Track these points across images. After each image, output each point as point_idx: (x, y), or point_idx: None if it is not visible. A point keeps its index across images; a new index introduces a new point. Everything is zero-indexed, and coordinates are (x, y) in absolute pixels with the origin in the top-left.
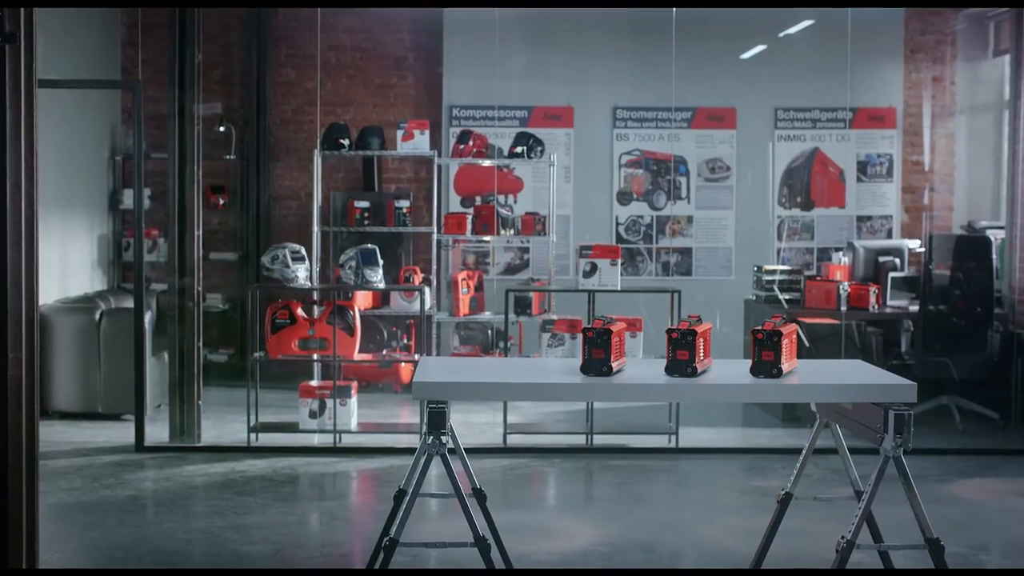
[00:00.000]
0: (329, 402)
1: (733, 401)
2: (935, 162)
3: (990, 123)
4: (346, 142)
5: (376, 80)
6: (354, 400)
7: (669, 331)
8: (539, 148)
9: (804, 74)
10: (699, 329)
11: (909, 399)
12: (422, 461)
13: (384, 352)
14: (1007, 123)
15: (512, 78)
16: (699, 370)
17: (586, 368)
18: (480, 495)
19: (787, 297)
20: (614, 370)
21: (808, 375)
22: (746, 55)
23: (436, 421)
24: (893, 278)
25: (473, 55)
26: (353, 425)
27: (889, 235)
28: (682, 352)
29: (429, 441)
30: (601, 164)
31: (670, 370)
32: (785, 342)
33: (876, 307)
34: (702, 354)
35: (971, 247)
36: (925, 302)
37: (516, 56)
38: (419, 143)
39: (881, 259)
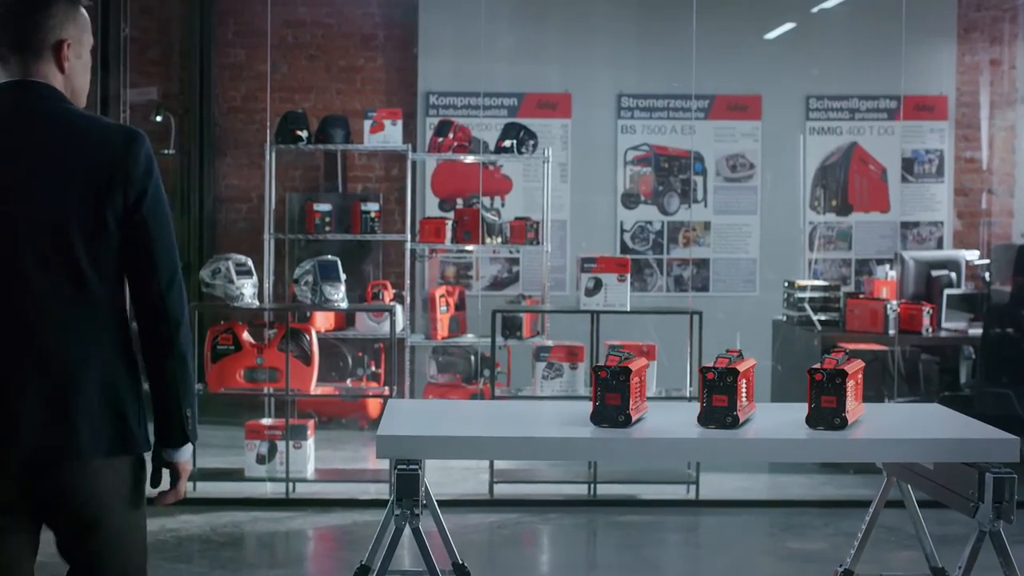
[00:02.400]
0: (280, 444)
1: (786, 460)
2: (993, 159)
3: None
4: (304, 134)
5: (340, 62)
6: (311, 442)
7: (704, 371)
8: (531, 142)
9: (840, 56)
10: (741, 368)
11: (1010, 457)
12: (389, 536)
13: (348, 382)
14: None
15: (499, 60)
16: (741, 420)
17: (598, 417)
18: (462, 572)
19: (823, 318)
20: (633, 420)
21: (878, 425)
22: (773, 34)
23: (407, 487)
24: (949, 296)
25: (454, 33)
26: (309, 472)
27: (939, 244)
28: (720, 397)
29: (398, 512)
30: (603, 161)
31: (705, 420)
32: (851, 384)
33: (930, 330)
34: (744, 399)
35: None
36: (989, 324)
37: (504, 34)
38: (390, 135)
39: (934, 273)
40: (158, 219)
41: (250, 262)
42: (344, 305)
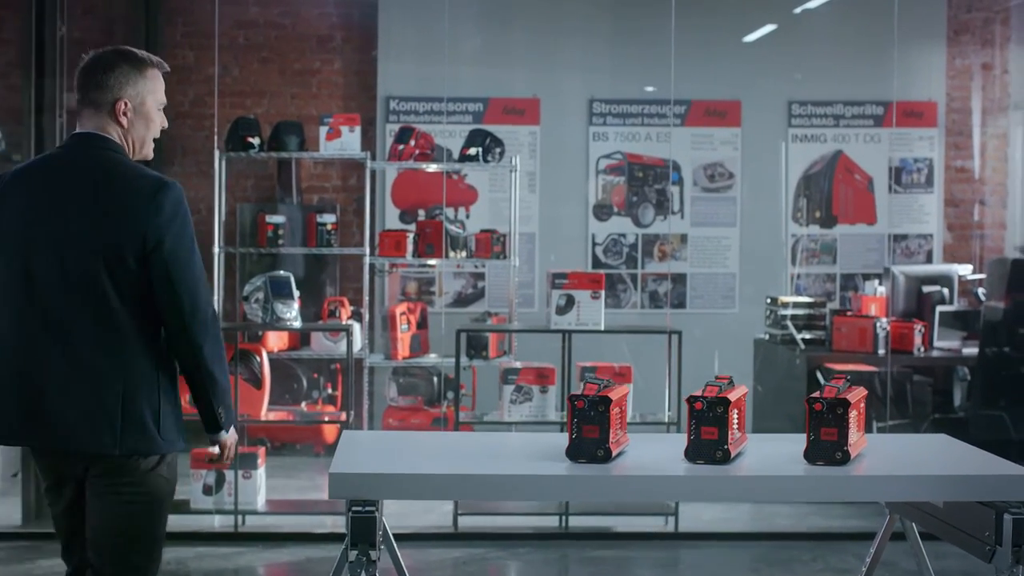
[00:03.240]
0: (229, 474)
1: (783, 500)
2: (985, 169)
3: None
4: (256, 141)
5: (295, 65)
6: (261, 471)
7: (691, 400)
8: (497, 150)
9: (824, 60)
10: (732, 397)
11: None
12: None
13: (302, 406)
14: None
15: (464, 63)
16: (732, 454)
17: (575, 452)
18: None
19: (807, 336)
20: (613, 454)
21: (882, 459)
22: (753, 36)
23: (362, 531)
24: (942, 313)
25: (415, 34)
26: (260, 504)
27: (929, 258)
28: (709, 429)
29: (352, 558)
30: (574, 170)
31: (693, 454)
32: (853, 415)
33: (922, 349)
34: (736, 431)
35: None
36: (985, 343)
37: (469, 36)
38: (348, 142)
39: (925, 289)
40: (178, 261)
41: None
42: (297, 324)
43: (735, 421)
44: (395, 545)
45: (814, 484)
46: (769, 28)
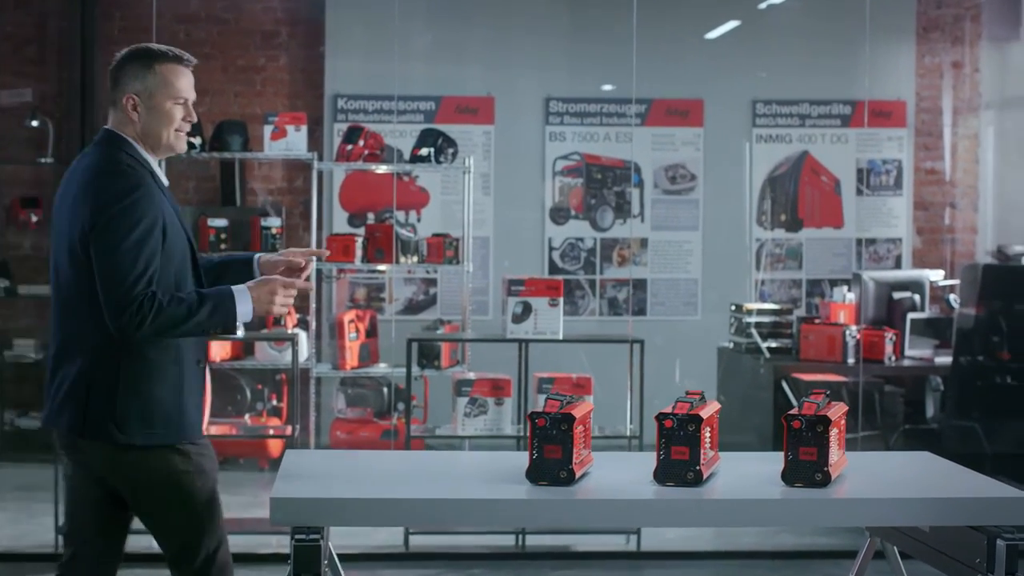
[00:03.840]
0: None
1: (761, 525)
2: (955, 170)
3: (1023, 120)
4: (197, 141)
5: (238, 62)
6: None
7: (661, 418)
8: (450, 150)
9: (789, 57)
10: (704, 414)
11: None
12: None
13: (246, 418)
14: None
15: (415, 60)
16: (704, 475)
17: (536, 474)
18: None
19: (773, 345)
20: (577, 476)
21: (864, 480)
22: (715, 33)
23: (306, 561)
24: (913, 320)
25: (365, 30)
26: None
27: (898, 263)
28: (680, 449)
29: None
30: (530, 171)
31: (663, 476)
32: (833, 432)
33: (893, 358)
34: (708, 450)
35: (1022, 281)
36: (958, 352)
37: (421, 32)
38: (294, 142)
39: (896, 295)
40: (102, 249)
41: None
42: (240, 333)
43: (707, 440)
44: (340, 570)
45: (793, 508)
46: (733, 24)
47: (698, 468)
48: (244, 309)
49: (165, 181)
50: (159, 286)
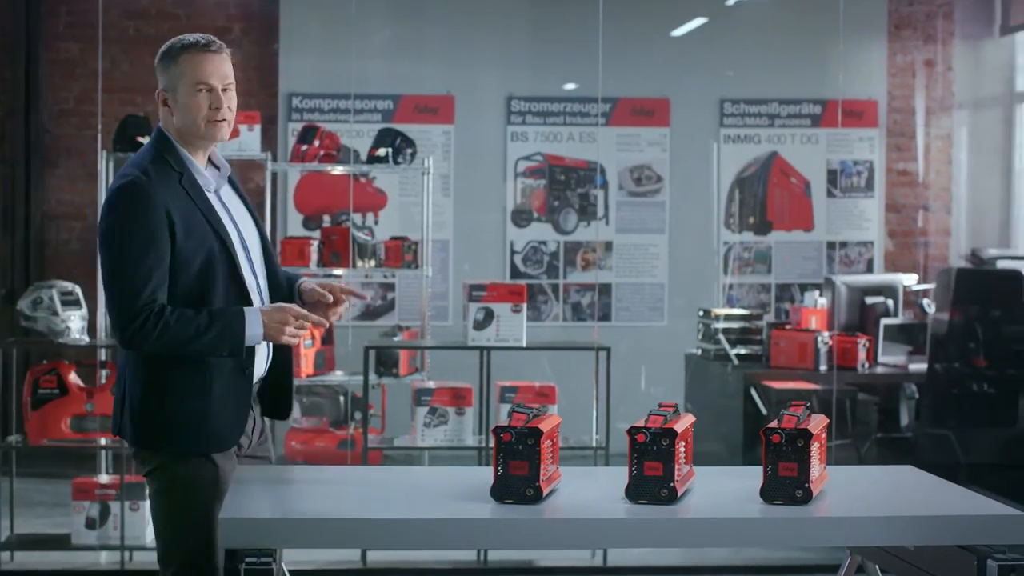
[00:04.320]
0: (115, 506)
1: (739, 545)
2: (928, 172)
3: (997, 120)
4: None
5: None
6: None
7: (633, 431)
8: (408, 151)
9: (758, 55)
10: (679, 427)
11: (1018, 538)
12: None
13: None
14: (1022, 120)
15: (373, 57)
16: (679, 492)
17: (501, 491)
18: None
19: (742, 351)
20: (544, 493)
21: (846, 496)
22: (682, 30)
23: None
24: (886, 326)
25: (321, 27)
26: (149, 539)
27: (869, 267)
28: (653, 464)
29: None
30: (491, 172)
31: (635, 493)
32: (815, 447)
33: (867, 365)
34: (683, 465)
35: (997, 285)
36: (933, 359)
37: (378, 28)
38: (247, 142)
39: (868, 300)
40: (101, 262)
41: (79, 290)
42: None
43: (682, 455)
44: None
45: (772, 527)
46: (700, 21)
47: (672, 485)
48: (254, 333)
49: (211, 179)
50: (165, 295)
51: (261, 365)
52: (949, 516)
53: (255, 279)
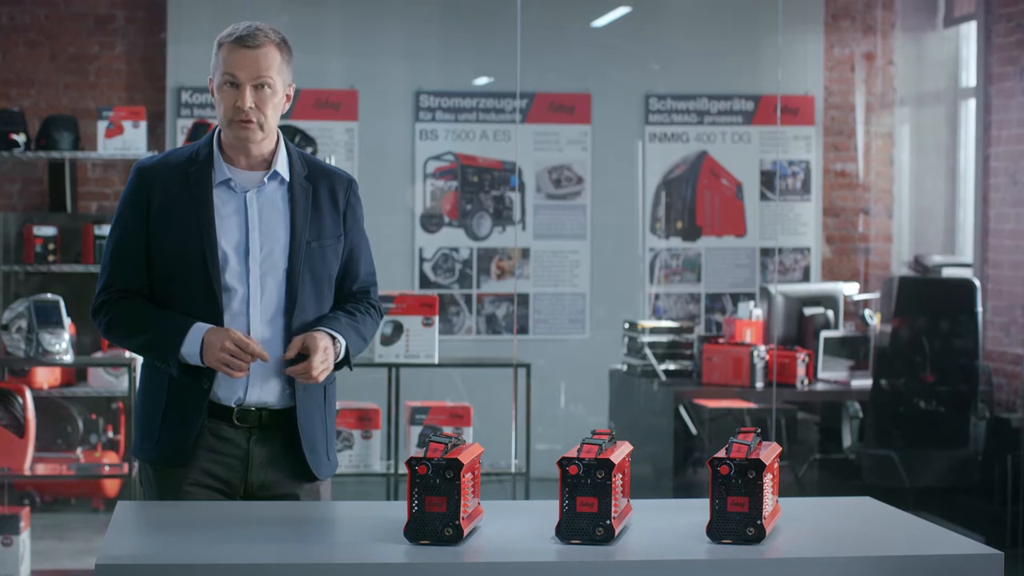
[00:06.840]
0: None
1: None
2: (868, 173)
3: (940, 118)
4: (21, 138)
5: (69, 49)
6: (25, 536)
7: (563, 463)
8: (309, 149)
9: (686, 47)
10: (615, 458)
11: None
12: None
13: (78, 452)
14: (966, 118)
15: None
16: (616, 530)
17: (416, 531)
18: None
19: (671, 367)
20: (465, 533)
21: (801, 532)
22: (603, 20)
23: None
24: (827, 339)
25: (211, 16)
26: (24, 574)
27: (806, 275)
28: (587, 500)
29: None
30: (398, 173)
31: (567, 532)
32: (768, 479)
33: (806, 381)
34: (620, 500)
35: (946, 295)
36: (878, 374)
37: (274, 18)
38: (132, 140)
39: (807, 311)
40: None
41: None
42: (68, 359)
43: (619, 488)
44: None
45: (721, 569)
46: (623, 11)
47: (609, 522)
48: (191, 351)
49: (241, 180)
50: (138, 282)
51: (239, 390)
52: (918, 556)
53: (244, 289)
